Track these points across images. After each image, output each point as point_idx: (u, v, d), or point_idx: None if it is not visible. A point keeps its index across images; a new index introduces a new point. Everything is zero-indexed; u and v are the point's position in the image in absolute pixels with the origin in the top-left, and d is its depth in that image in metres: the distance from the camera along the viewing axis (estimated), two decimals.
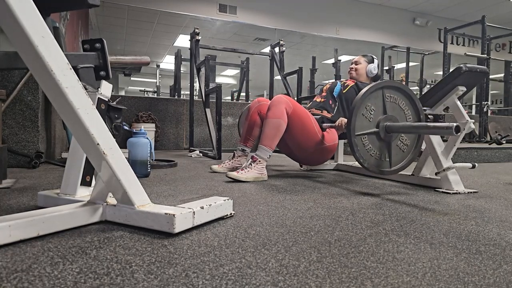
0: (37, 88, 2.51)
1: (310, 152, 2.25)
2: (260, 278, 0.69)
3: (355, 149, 1.67)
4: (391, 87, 1.78)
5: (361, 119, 1.70)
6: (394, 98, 1.79)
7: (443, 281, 0.70)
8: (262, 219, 1.16)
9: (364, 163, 1.69)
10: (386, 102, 1.76)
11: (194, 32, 4.01)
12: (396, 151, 1.79)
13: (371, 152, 1.73)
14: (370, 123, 1.73)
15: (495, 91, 12.23)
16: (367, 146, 1.72)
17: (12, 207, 1.24)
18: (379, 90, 1.75)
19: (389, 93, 1.77)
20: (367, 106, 1.71)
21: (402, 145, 1.81)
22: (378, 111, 1.75)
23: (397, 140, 1.79)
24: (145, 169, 2.08)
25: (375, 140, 1.74)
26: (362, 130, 1.70)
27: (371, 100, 1.73)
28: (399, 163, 1.81)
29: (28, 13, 0.82)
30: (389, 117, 1.75)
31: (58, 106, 0.92)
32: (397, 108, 1.80)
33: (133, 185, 1.00)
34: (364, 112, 1.71)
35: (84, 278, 0.67)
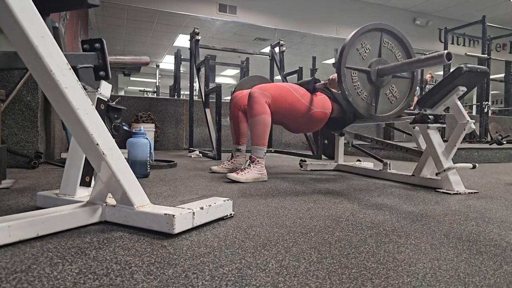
0: (36, 88, 2.50)
1: (301, 121, 2.24)
2: (260, 279, 0.69)
3: (342, 79, 1.62)
4: (391, 33, 1.72)
5: (354, 54, 1.65)
6: (391, 46, 1.74)
7: (443, 281, 0.70)
8: (262, 219, 1.16)
9: (349, 97, 1.64)
10: (383, 47, 1.71)
11: (194, 32, 4.01)
12: (383, 99, 1.74)
13: (358, 90, 1.67)
14: (362, 61, 1.67)
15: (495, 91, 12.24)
16: (355, 83, 1.66)
17: (12, 208, 1.24)
18: (378, 31, 1.69)
19: (387, 39, 1.72)
20: (363, 43, 1.66)
21: (391, 96, 1.76)
22: (373, 52, 1.69)
23: (386, 88, 1.75)
24: (145, 170, 2.08)
25: (365, 80, 1.69)
26: (353, 64, 1.66)
27: (368, 39, 1.68)
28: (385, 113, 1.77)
29: (28, 13, 0.81)
30: (382, 61, 1.70)
31: (58, 106, 0.92)
32: (392, 57, 1.74)
33: (133, 185, 0.99)
34: (359, 48, 1.66)
35: (84, 278, 0.67)
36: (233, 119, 2.42)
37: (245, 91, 2.43)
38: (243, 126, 2.39)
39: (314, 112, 2.20)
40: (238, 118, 2.39)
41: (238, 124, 2.39)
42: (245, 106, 2.31)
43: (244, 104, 2.34)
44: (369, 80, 1.69)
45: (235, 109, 2.41)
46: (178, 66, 6.10)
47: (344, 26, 8.02)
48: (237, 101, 2.40)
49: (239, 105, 2.39)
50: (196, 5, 6.93)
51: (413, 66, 1.64)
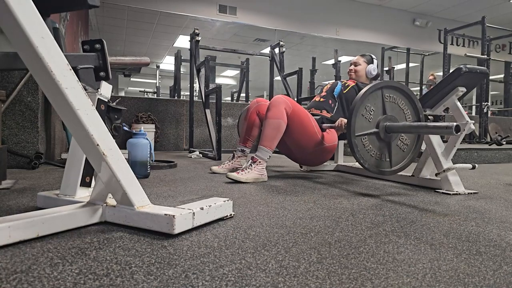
0: (37, 88, 2.51)
1: (310, 152, 2.25)
2: (260, 279, 0.69)
3: (355, 149, 1.67)
4: (390, 87, 1.78)
5: (360, 120, 1.70)
6: (393, 98, 1.79)
7: (443, 282, 0.70)
8: (262, 220, 1.16)
9: (364, 164, 1.69)
10: (386, 102, 1.76)
11: (194, 32, 4.02)
12: (396, 151, 1.79)
13: (371, 152, 1.72)
14: (369, 124, 1.72)
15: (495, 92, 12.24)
16: (367, 147, 1.72)
17: (12, 208, 1.24)
18: (378, 90, 1.75)
19: (388, 93, 1.77)
20: (366, 107, 1.71)
21: (402, 145, 1.81)
22: (377, 111, 1.74)
23: (397, 140, 1.79)
24: (145, 170, 2.08)
25: (375, 140, 1.74)
26: (362, 130, 1.70)
27: (371, 100, 1.73)
28: (399, 163, 1.81)
29: (28, 14, 0.81)
30: (388, 117, 1.75)
31: (58, 106, 0.92)
32: (396, 108, 1.79)
33: (133, 186, 0.99)
34: (364, 112, 1.71)
35: (84, 279, 0.67)
36: (247, 121, 2.38)
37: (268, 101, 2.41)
38: (255, 130, 2.37)
39: (325, 147, 2.24)
40: (253, 122, 2.36)
41: (251, 127, 2.37)
42: (263, 113, 2.30)
43: (262, 112, 2.33)
44: (379, 138, 1.75)
45: (253, 113, 2.38)
46: (178, 66, 6.10)
47: (344, 26, 8.02)
48: (258, 107, 2.38)
49: (258, 110, 2.37)
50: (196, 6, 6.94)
51: (420, 131, 1.70)
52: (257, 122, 2.36)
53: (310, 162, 2.46)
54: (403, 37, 8.52)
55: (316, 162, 2.44)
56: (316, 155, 2.28)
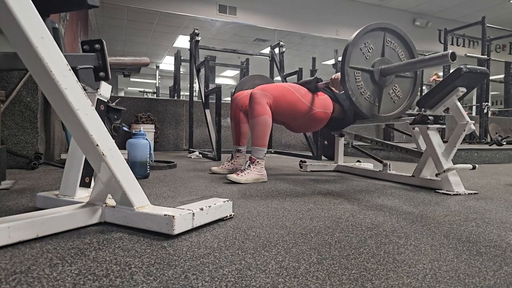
0: (36, 89, 2.50)
1: (302, 121, 2.24)
2: (260, 280, 0.69)
3: (346, 79, 1.61)
4: (394, 32, 1.71)
5: (357, 53, 1.64)
6: (394, 45, 1.73)
7: (443, 282, 0.70)
8: (262, 220, 1.15)
9: (352, 97, 1.64)
10: (386, 47, 1.71)
11: (194, 32, 4.02)
12: (386, 99, 1.74)
13: (361, 90, 1.67)
14: (366, 61, 1.67)
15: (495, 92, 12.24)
16: (358, 83, 1.66)
17: (11, 209, 1.24)
18: (381, 31, 1.69)
19: (390, 38, 1.72)
20: (366, 43, 1.66)
21: (394, 95, 1.75)
22: (376, 52, 1.69)
23: (389, 87, 1.74)
24: (145, 170, 2.08)
25: (369, 80, 1.68)
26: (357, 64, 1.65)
27: (371, 38, 1.67)
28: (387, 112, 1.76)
29: (28, 14, 0.81)
30: (385, 60, 1.70)
31: (57, 107, 0.92)
32: (395, 56, 1.73)
33: (132, 186, 0.99)
34: (362, 47, 1.66)
35: (83, 279, 0.67)
36: (233, 119, 2.42)
37: (246, 92, 2.43)
38: (243, 126, 2.39)
39: (315, 112, 2.20)
40: (239, 118, 2.39)
41: (239, 125, 2.40)
42: (246, 107, 2.31)
43: (245, 105, 2.35)
44: (372, 79, 1.69)
45: (236, 109, 2.41)
46: (178, 67, 6.10)
47: (344, 27, 8.02)
48: (238, 102, 2.40)
49: (240, 106, 2.39)
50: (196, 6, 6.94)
51: (417, 66, 1.63)
52: (242, 117, 2.38)
53: (303, 129, 2.44)
54: None
55: (309, 129, 2.44)
56: (308, 122, 2.26)
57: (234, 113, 2.41)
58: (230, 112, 2.47)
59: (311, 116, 2.21)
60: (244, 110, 2.37)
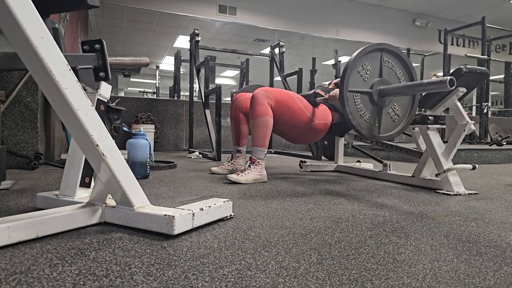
0: (36, 89, 2.50)
1: (301, 131, 2.24)
2: (260, 280, 0.69)
3: (345, 103, 1.62)
4: (390, 51, 1.73)
5: (356, 76, 1.65)
6: (391, 64, 1.74)
7: (443, 282, 0.70)
8: (262, 220, 1.15)
9: (353, 121, 1.65)
10: (384, 66, 1.72)
11: (194, 33, 4.02)
12: (386, 119, 1.75)
13: (361, 112, 1.68)
14: (364, 83, 1.68)
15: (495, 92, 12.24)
16: (358, 105, 1.67)
17: (11, 209, 1.24)
18: (378, 51, 1.70)
19: (387, 58, 1.73)
20: (363, 65, 1.67)
21: (393, 114, 1.77)
22: (374, 73, 1.70)
23: (389, 107, 1.75)
24: (145, 171, 2.08)
25: (368, 102, 1.69)
26: (355, 87, 1.66)
27: (369, 60, 1.68)
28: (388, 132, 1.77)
29: (28, 14, 0.81)
30: (383, 81, 1.70)
31: (57, 107, 0.92)
32: (392, 75, 1.74)
33: (132, 186, 0.99)
34: (360, 70, 1.66)
35: (83, 280, 0.67)
36: (234, 120, 2.42)
37: (248, 94, 2.43)
38: (243, 127, 2.39)
39: (315, 123, 2.22)
40: (239, 119, 2.39)
41: (239, 126, 2.40)
42: (246, 108, 2.31)
43: (245, 107, 2.35)
44: (371, 101, 1.70)
45: (236, 110, 2.41)
46: (178, 67, 6.09)
47: (344, 27, 8.03)
48: (239, 103, 2.40)
49: (240, 107, 2.39)
50: (196, 6, 6.94)
51: (415, 90, 1.65)
52: (242, 118, 2.38)
53: (302, 139, 2.44)
54: (403, 37, 8.52)
55: (308, 140, 2.44)
56: (307, 134, 2.27)
57: (234, 114, 2.41)
58: (230, 113, 2.47)
59: (312, 127, 2.22)
60: (244, 111, 2.37)
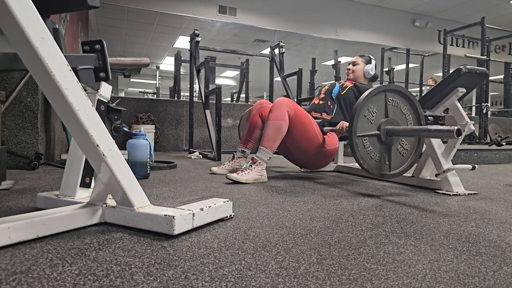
0: (36, 89, 2.50)
1: (311, 155, 2.25)
2: (260, 280, 0.69)
3: (356, 149, 1.67)
4: (393, 90, 1.78)
5: (362, 121, 1.70)
6: (396, 102, 1.79)
7: (443, 282, 0.70)
8: (262, 220, 1.16)
9: (364, 165, 1.69)
10: (388, 106, 1.76)
11: (194, 33, 4.02)
12: (395, 155, 1.79)
13: (371, 154, 1.73)
14: (371, 125, 1.72)
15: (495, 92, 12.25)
16: (367, 148, 1.72)
17: (11, 209, 1.24)
18: (381, 93, 1.74)
19: (391, 97, 1.77)
20: (369, 108, 1.71)
21: (402, 150, 1.81)
22: (379, 114, 1.74)
23: (397, 144, 1.79)
24: (145, 171, 2.08)
25: (376, 142, 1.74)
26: (363, 131, 1.70)
27: (373, 102, 1.73)
28: (399, 167, 1.81)
29: (28, 15, 0.81)
30: (390, 121, 1.75)
31: (58, 107, 0.92)
32: (398, 112, 1.79)
33: (133, 186, 0.99)
34: (366, 113, 1.71)
35: (84, 280, 0.67)
36: (250, 122, 2.38)
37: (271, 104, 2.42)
38: (256, 132, 2.37)
39: (326, 150, 2.24)
40: (256, 123, 2.37)
41: (253, 129, 2.37)
42: (265, 115, 2.31)
43: (265, 114, 2.33)
44: (380, 141, 1.75)
45: (256, 114, 2.38)
46: (178, 67, 6.09)
47: (344, 27, 8.03)
48: (260, 109, 2.39)
49: (261, 113, 2.37)
50: (196, 7, 6.94)
51: (422, 135, 1.69)
52: (259, 124, 2.36)
53: (311, 165, 2.46)
54: (403, 37, 8.52)
55: (317, 166, 2.44)
56: (317, 158, 2.29)
57: (253, 117, 2.38)
58: (248, 115, 2.44)
59: (322, 153, 2.24)
60: (263, 118, 2.36)
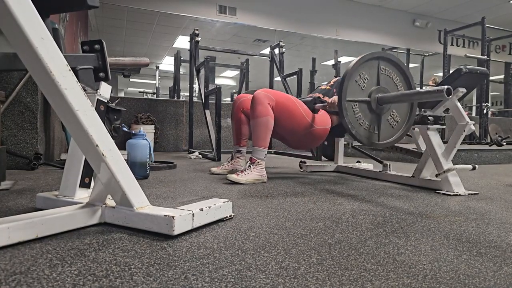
0: (36, 89, 2.50)
1: (301, 136, 2.24)
2: (260, 281, 0.69)
3: (344, 113, 1.63)
4: (387, 59, 1.75)
5: (353, 86, 1.66)
6: (388, 72, 1.75)
7: (443, 283, 0.70)
8: (261, 221, 1.15)
9: (352, 130, 1.66)
10: (381, 74, 1.73)
11: (194, 33, 4.02)
12: (385, 125, 1.75)
13: (360, 121, 1.68)
14: (362, 92, 1.69)
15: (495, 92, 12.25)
16: (356, 114, 1.68)
17: (11, 209, 1.24)
18: (374, 60, 1.71)
19: (384, 66, 1.74)
20: (361, 74, 1.68)
21: (392, 121, 1.77)
22: (371, 81, 1.71)
23: (387, 114, 1.76)
24: (144, 171, 2.08)
25: (366, 110, 1.70)
26: (353, 96, 1.67)
27: (365, 68, 1.69)
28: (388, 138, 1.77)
29: (28, 15, 0.81)
30: (381, 89, 1.71)
31: (57, 107, 0.92)
32: (390, 83, 1.76)
33: (132, 187, 0.99)
34: (358, 79, 1.67)
35: (83, 280, 0.67)
36: (235, 120, 2.42)
37: (249, 96, 2.43)
38: (244, 128, 2.39)
39: (315, 129, 2.22)
40: (240, 120, 2.40)
41: (240, 126, 2.40)
42: (247, 109, 2.32)
43: (246, 107, 2.35)
44: (370, 109, 1.72)
45: (237, 111, 2.41)
46: (178, 67, 6.09)
47: (344, 27, 8.03)
48: (240, 104, 2.41)
49: (242, 108, 2.39)
50: (196, 7, 6.94)
51: (413, 98, 1.67)
52: (244, 119, 2.38)
53: (301, 145, 2.44)
54: (403, 37, 8.52)
55: (308, 145, 2.43)
56: (307, 138, 2.27)
57: (236, 114, 2.42)
58: (232, 113, 2.47)
59: (311, 133, 2.22)
60: (246, 112, 2.38)
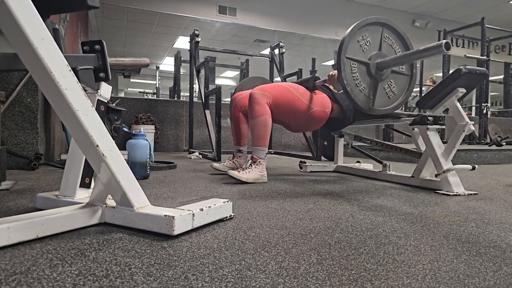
0: (36, 89, 2.50)
1: (300, 120, 2.25)
2: (260, 280, 0.69)
3: (342, 68, 1.62)
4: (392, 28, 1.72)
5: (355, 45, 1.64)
6: (391, 41, 1.74)
7: (443, 283, 0.70)
8: (261, 221, 1.16)
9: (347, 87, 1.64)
10: (383, 42, 1.71)
11: (194, 33, 4.02)
12: (381, 94, 1.74)
13: (357, 81, 1.67)
14: (363, 54, 1.67)
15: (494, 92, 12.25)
16: (354, 74, 1.67)
17: (11, 209, 1.24)
18: (379, 26, 1.69)
19: (388, 34, 1.72)
20: (364, 36, 1.66)
21: (389, 91, 1.75)
22: (373, 46, 1.69)
23: (385, 82, 1.74)
24: (145, 171, 2.08)
25: (364, 73, 1.69)
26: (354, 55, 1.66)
27: (369, 32, 1.67)
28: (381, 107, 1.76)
29: (28, 15, 0.81)
30: (382, 55, 1.70)
31: (58, 107, 0.92)
32: (391, 52, 1.73)
33: (133, 187, 0.99)
34: (360, 40, 1.66)
35: (83, 280, 0.67)
36: (233, 120, 2.42)
37: (245, 92, 2.44)
38: (243, 127, 2.40)
39: (314, 111, 2.21)
40: (239, 119, 2.40)
41: (239, 126, 2.40)
42: (245, 107, 2.32)
43: (244, 106, 2.35)
44: (368, 72, 1.69)
45: (235, 110, 2.41)
46: (178, 67, 6.10)
47: (344, 27, 8.00)
48: (238, 102, 2.41)
49: (240, 106, 2.39)
50: (196, 7, 6.94)
51: (413, 58, 1.63)
52: (242, 118, 2.39)
53: (302, 128, 2.45)
54: None
55: (308, 128, 2.44)
56: (307, 121, 2.26)
57: (234, 113, 2.42)
58: (230, 113, 2.47)
59: (311, 115, 2.21)
60: (244, 110, 2.38)
